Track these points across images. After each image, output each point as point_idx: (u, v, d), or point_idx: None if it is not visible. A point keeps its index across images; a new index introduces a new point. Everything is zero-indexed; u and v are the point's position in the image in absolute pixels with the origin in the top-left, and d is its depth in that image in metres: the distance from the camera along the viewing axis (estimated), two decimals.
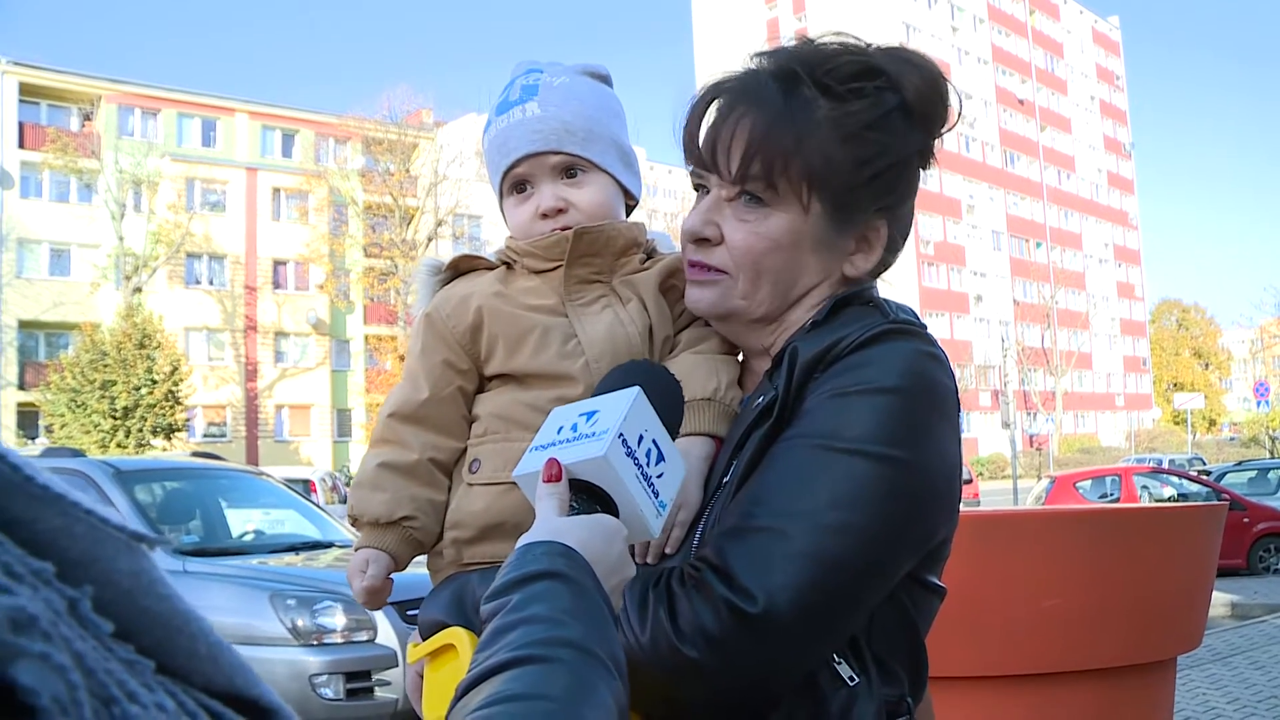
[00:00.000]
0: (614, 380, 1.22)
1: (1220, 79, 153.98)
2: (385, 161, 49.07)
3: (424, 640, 1.35)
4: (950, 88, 1.36)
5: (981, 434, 67.26)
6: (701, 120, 1.36)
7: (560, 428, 1.13)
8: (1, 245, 42.74)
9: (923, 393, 1.23)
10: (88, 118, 45.99)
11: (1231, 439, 69.82)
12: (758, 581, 1.13)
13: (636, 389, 1.13)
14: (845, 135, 1.29)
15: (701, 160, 1.35)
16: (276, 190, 49.00)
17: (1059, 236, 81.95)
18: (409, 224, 48.58)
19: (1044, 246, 79.63)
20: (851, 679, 1.19)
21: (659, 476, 1.11)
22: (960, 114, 1.40)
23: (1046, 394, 72.61)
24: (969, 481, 34.11)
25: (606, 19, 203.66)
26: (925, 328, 1.31)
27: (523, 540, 1.00)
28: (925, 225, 68.96)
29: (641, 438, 1.10)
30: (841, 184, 1.30)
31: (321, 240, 48.33)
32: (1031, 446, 65.29)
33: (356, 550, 1.44)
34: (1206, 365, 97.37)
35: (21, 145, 43.72)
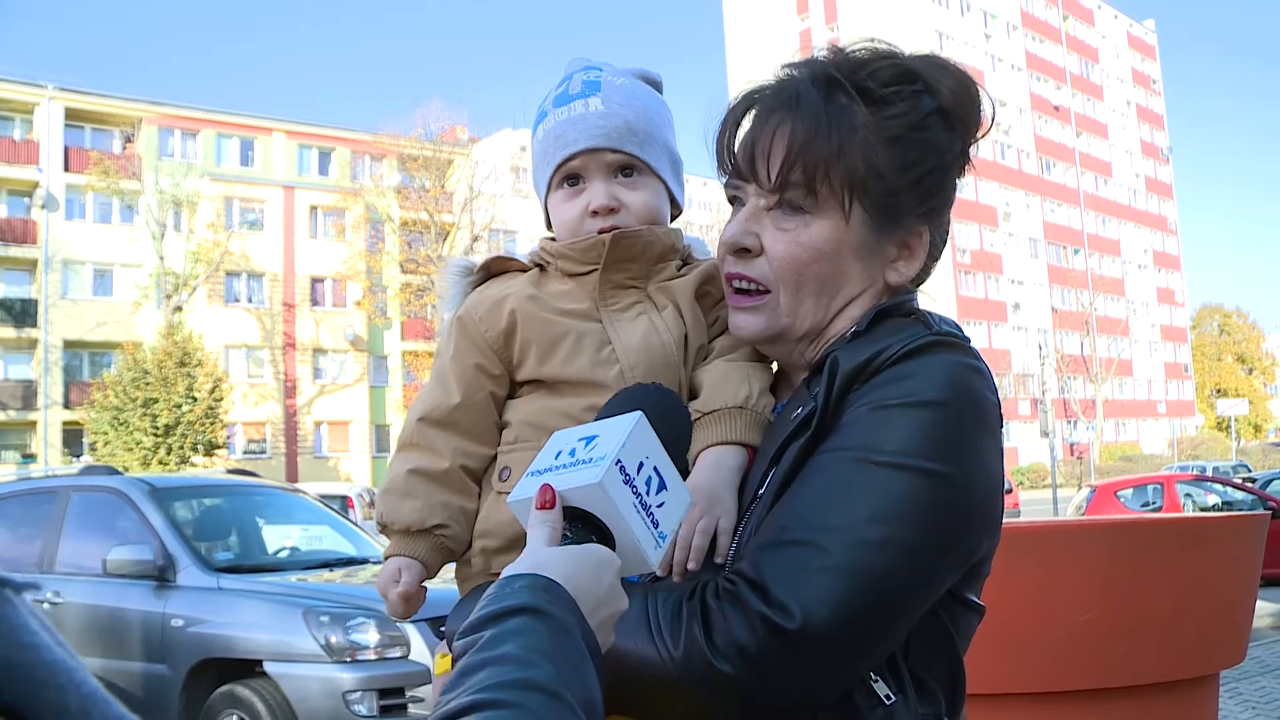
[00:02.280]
0: (618, 404, 1.19)
1: (1259, 80, 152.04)
2: (421, 178, 49.43)
3: (450, 651, 1.33)
4: (983, 92, 1.34)
5: (1021, 443, 66.60)
6: (736, 129, 1.34)
7: (559, 452, 1.10)
8: (47, 267, 43.48)
9: (966, 406, 1.20)
10: (129, 140, 46.76)
11: (1278, 444, 68.76)
12: (795, 596, 1.09)
13: (638, 414, 1.10)
14: (888, 139, 1.27)
15: (738, 170, 1.33)
16: (314, 208, 49.50)
17: (1097, 243, 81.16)
18: (445, 240, 48.88)
19: (1082, 253, 78.90)
20: (888, 697, 1.16)
21: (659, 506, 1.07)
22: (994, 120, 1.37)
23: (1087, 402, 71.86)
24: (1009, 491, 33.80)
25: (639, 30, 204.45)
26: (969, 340, 1.28)
27: (506, 571, 0.97)
28: (962, 233, 68.50)
29: (642, 465, 1.06)
30: (884, 189, 1.27)
31: (358, 257, 48.74)
32: (1072, 455, 64.64)
33: (387, 558, 1.42)
34: (1250, 370, 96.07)
35: (66, 168, 44.49)
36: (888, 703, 1.16)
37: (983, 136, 1.36)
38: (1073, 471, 56.99)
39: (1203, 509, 17.51)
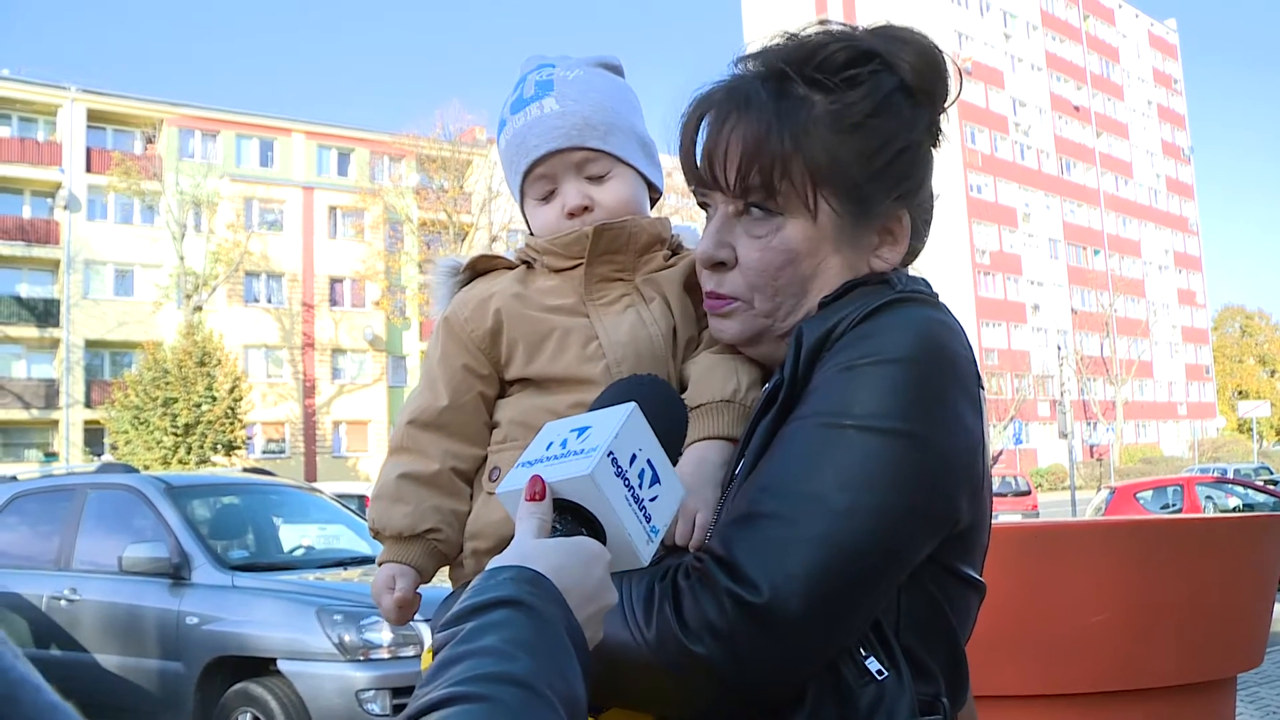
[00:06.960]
0: (612, 395, 1.16)
1: None
2: (439, 178, 49.55)
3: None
4: (948, 60, 1.29)
5: (1041, 445, 66.27)
6: (695, 137, 1.30)
7: (550, 443, 1.07)
8: (69, 267, 43.83)
9: (936, 362, 1.15)
10: (150, 141, 47.11)
11: None
12: (762, 571, 1.06)
13: (632, 405, 1.07)
14: (847, 127, 1.22)
15: (701, 178, 1.29)
16: (333, 209, 49.70)
17: (1117, 244, 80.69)
18: (464, 240, 48.96)
19: (1102, 254, 78.46)
20: (880, 673, 1.11)
21: (652, 500, 1.04)
22: (962, 88, 1.33)
23: (1106, 404, 71.46)
24: (1027, 493, 33.59)
25: (656, 28, 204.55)
26: (937, 296, 1.24)
27: (492, 563, 0.95)
28: (981, 234, 68.24)
29: (634, 457, 1.03)
30: (851, 178, 1.23)
31: (377, 257, 48.91)
32: (1092, 457, 64.29)
33: (380, 565, 1.39)
34: (1272, 372, 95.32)
35: (88, 169, 44.85)
36: (879, 678, 1.11)
37: (952, 105, 1.31)
38: (1092, 473, 56.65)
39: (1224, 511, 17.37)
